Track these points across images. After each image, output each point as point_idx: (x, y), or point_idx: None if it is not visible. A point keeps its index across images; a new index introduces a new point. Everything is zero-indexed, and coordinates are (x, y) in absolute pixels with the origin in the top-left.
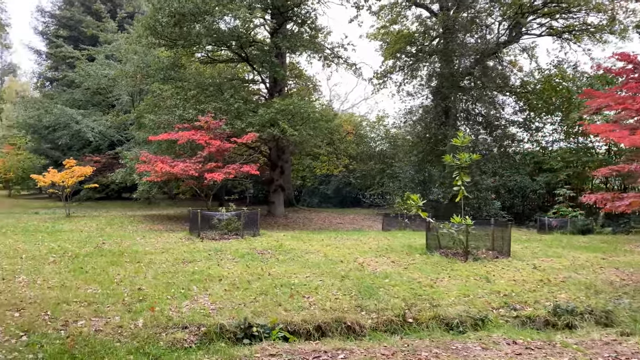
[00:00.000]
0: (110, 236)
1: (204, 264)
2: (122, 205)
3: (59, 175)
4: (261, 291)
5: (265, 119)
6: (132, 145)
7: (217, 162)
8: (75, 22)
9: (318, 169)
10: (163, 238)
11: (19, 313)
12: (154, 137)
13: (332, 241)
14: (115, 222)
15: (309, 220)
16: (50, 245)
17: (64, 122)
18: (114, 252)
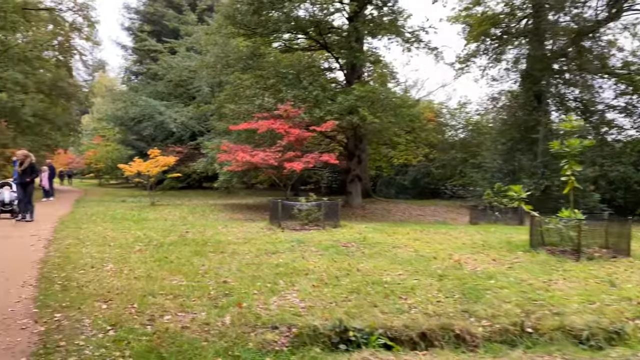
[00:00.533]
0: (193, 225)
1: (288, 256)
2: (203, 195)
3: (144, 165)
4: (352, 289)
5: (345, 106)
6: (212, 135)
7: (296, 151)
8: (158, 17)
9: (396, 159)
10: (244, 227)
11: (107, 305)
12: (234, 126)
13: (419, 235)
14: (197, 211)
15: (388, 211)
16: (136, 234)
17: (148, 114)
18: (197, 241)
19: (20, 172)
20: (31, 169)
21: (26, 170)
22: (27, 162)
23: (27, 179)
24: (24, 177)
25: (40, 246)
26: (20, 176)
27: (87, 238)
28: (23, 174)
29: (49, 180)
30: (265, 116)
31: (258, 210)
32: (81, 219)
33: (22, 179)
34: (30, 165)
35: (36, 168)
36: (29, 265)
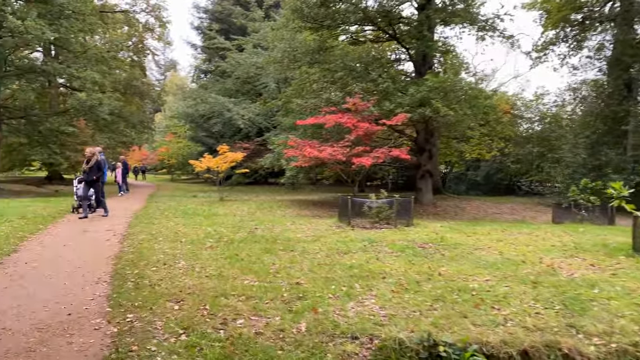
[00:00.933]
0: (261, 221)
1: (362, 257)
2: (269, 190)
3: (213, 161)
4: (436, 296)
5: (417, 98)
6: (278, 131)
7: (365, 146)
8: (226, 16)
9: (468, 153)
10: (312, 225)
11: (178, 305)
12: (302, 121)
13: (501, 235)
14: (265, 207)
15: (461, 209)
16: (207, 230)
17: (217, 111)
18: (266, 238)
19: (87, 169)
20: (97, 166)
21: (92, 167)
22: (93, 160)
23: (93, 177)
24: (91, 174)
25: (115, 241)
26: (87, 174)
27: (160, 233)
28: (90, 172)
29: (123, 176)
30: (333, 110)
31: (324, 206)
32: (154, 214)
33: (88, 176)
34: (97, 163)
35: (102, 166)
36: (104, 261)
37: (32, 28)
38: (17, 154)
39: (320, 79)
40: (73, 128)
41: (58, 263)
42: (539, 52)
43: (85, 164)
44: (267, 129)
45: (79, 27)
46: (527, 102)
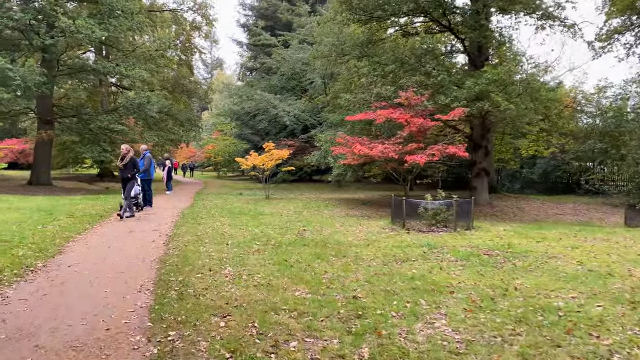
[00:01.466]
0: (309, 222)
1: (423, 266)
2: (314, 188)
3: (259, 159)
4: (516, 316)
5: (475, 91)
6: (324, 128)
7: (418, 142)
8: (272, 12)
9: (524, 150)
10: (363, 226)
11: (225, 321)
12: (351, 117)
13: (573, 241)
14: (311, 206)
15: (520, 209)
16: (253, 231)
17: (263, 108)
18: (316, 241)
19: (122, 166)
20: (132, 164)
21: (127, 165)
22: (128, 157)
23: (128, 175)
24: (125, 172)
25: (161, 242)
26: (122, 171)
27: (206, 235)
28: (124, 169)
29: (168, 175)
30: (384, 105)
31: (373, 206)
32: (200, 212)
33: (123, 174)
34: (132, 161)
35: (137, 163)
36: (148, 265)
37: (82, 27)
38: (69, 152)
39: (370, 72)
40: (122, 126)
41: (101, 267)
42: (602, 42)
43: (120, 161)
44: (313, 126)
45: (127, 26)
46: (588, 95)
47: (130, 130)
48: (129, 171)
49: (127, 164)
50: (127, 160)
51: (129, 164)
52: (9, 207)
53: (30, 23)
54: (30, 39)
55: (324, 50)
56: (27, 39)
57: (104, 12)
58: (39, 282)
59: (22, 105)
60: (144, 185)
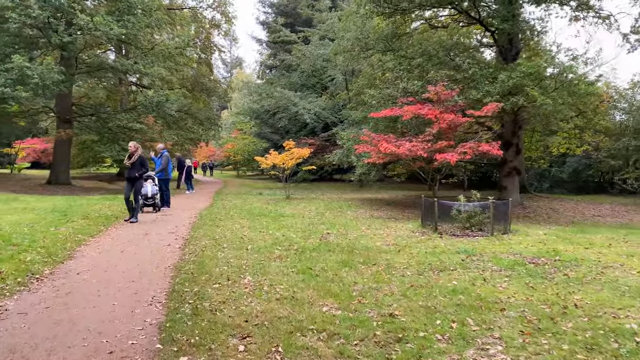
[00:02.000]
0: (332, 224)
1: (464, 277)
2: (335, 187)
3: (279, 158)
4: (585, 342)
5: (508, 85)
6: (345, 126)
7: (449, 140)
8: (291, 9)
9: (554, 148)
10: (391, 229)
11: (244, 344)
12: (376, 113)
13: (625, 247)
14: (333, 206)
15: (554, 210)
16: (274, 235)
17: (282, 105)
18: (342, 246)
19: (129, 165)
20: (141, 162)
21: (135, 163)
22: (136, 156)
23: (135, 174)
24: (132, 171)
25: (176, 247)
26: (129, 170)
27: (224, 238)
28: (132, 168)
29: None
30: (411, 101)
31: (398, 206)
32: (219, 213)
33: (130, 173)
34: (140, 159)
35: (145, 162)
36: (162, 272)
37: (100, 24)
38: (89, 151)
39: (395, 67)
40: (141, 125)
41: (112, 274)
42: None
43: (127, 159)
44: (334, 124)
45: (145, 23)
46: (622, 91)
47: (150, 129)
48: (137, 170)
49: (135, 163)
50: (135, 159)
51: (136, 163)
52: (25, 208)
53: (49, 21)
54: (49, 36)
55: (346, 44)
56: (45, 37)
57: (122, 9)
58: (43, 292)
59: (40, 104)
60: (161, 185)
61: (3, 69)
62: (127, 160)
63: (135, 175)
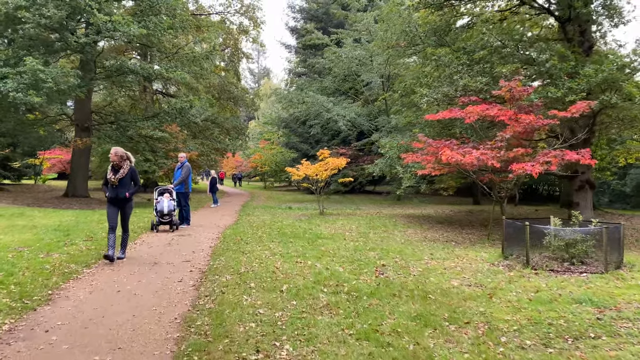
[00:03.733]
0: (383, 250)
1: (622, 355)
2: (370, 201)
3: (312, 168)
4: None
5: (596, 80)
6: (383, 133)
7: (524, 147)
8: (321, 13)
9: (621, 157)
10: (461, 260)
11: None
12: (432, 115)
13: None
14: (376, 225)
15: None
16: (315, 266)
17: (314, 112)
18: (409, 288)
19: (116, 181)
20: (132, 178)
21: (124, 179)
22: (126, 168)
23: (125, 194)
24: (121, 190)
25: (190, 284)
26: (116, 189)
27: (251, 271)
28: (119, 186)
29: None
30: (474, 100)
31: (452, 225)
32: (245, 233)
33: (117, 192)
34: (131, 173)
35: (137, 177)
36: (164, 330)
37: (119, 24)
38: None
39: (452, 62)
40: (162, 133)
41: (92, 334)
42: None
43: (112, 173)
44: (369, 132)
45: (168, 24)
46: None
47: (174, 138)
48: (127, 188)
49: (124, 179)
50: (124, 173)
51: (126, 178)
52: (25, 225)
53: (66, 21)
54: (65, 38)
55: (390, 38)
56: (62, 39)
57: (144, 9)
58: None
59: (54, 110)
60: (180, 199)
61: (16, 72)
62: (113, 175)
63: (125, 196)
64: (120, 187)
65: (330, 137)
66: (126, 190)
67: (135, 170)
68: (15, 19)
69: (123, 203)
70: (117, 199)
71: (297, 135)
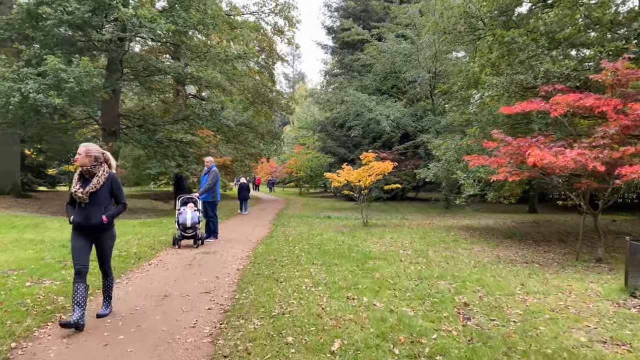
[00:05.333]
0: (455, 277)
1: None
2: (415, 209)
3: (354, 174)
4: None
5: None
6: (432, 134)
7: (633, 145)
8: (359, 11)
9: None
10: (566, 295)
11: None
12: (508, 108)
13: None
14: (433, 240)
15: None
16: (374, 308)
17: (354, 112)
18: (516, 346)
19: (84, 195)
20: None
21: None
22: (101, 176)
23: (100, 218)
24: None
25: (205, 333)
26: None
27: (288, 315)
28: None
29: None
30: (560, 89)
31: (523, 241)
32: (280, 250)
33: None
34: (111, 182)
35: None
36: None
37: (145, 19)
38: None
39: (528, 45)
40: (192, 136)
41: None
42: None
43: (79, 184)
44: (414, 133)
45: (198, 19)
46: None
47: (207, 142)
48: (101, 206)
49: (99, 193)
50: (99, 183)
51: (102, 193)
52: (32, 240)
53: (89, 17)
54: (89, 35)
55: (446, 23)
56: (85, 36)
57: (172, 3)
58: None
59: (76, 112)
60: (207, 209)
61: (37, 73)
62: (80, 187)
63: (101, 222)
64: (93, 207)
65: (371, 139)
66: (101, 212)
67: (117, 180)
68: (37, 16)
69: (97, 233)
70: (88, 227)
71: (334, 139)
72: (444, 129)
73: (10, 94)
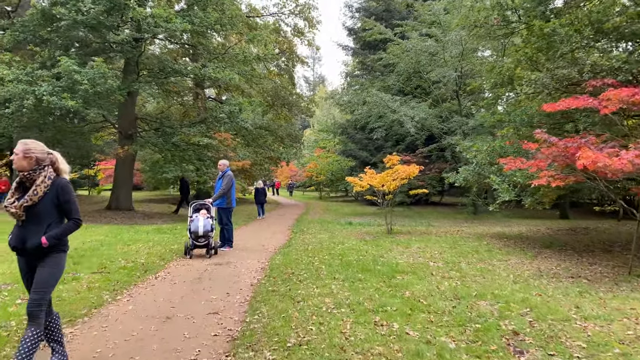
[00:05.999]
0: (496, 297)
1: None
2: (439, 214)
3: (378, 178)
4: None
5: None
6: (459, 136)
7: None
8: (382, 11)
9: None
10: (633, 321)
11: None
12: (551, 105)
13: None
14: (464, 249)
15: None
16: (406, 337)
17: (377, 114)
18: None
19: (21, 212)
20: (57, 198)
21: (38, 207)
22: (41, 183)
23: (40, 240)
24: (31, 230)
25: None
26: (22, 228)
27: (305, 347)
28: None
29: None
30: (610, 84)
31: (563, 251)
32: (298, 262)
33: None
34: (58, 190)
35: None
36: None
37: (160, 18)
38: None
39: (571, 37)
40: (209, 140)
41: None
42: None
43: (15, 193)
44: (439, 135)
45: (214, 18)
46: None
47: (226, 146)
48: (43, 227)
49: (39, 206)
50: (39, 193)
51: (43, 206)
52: None
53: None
54: (104, 36)
55: (477, 16)
56: (101, 37)
57: (190, 2)
58: None
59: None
60: (221, 216)
61: (52, 75)
62: (13, 200)
63: (38, 245)
64: (31, 226)
65: (394, 142)
66: (41, 232)
67: (66, 188)
68: (52, 17)
69: (35, 257)
70: (24, 252)
71: (355, 142)
72: (472, 130)
73: (24, 96)
